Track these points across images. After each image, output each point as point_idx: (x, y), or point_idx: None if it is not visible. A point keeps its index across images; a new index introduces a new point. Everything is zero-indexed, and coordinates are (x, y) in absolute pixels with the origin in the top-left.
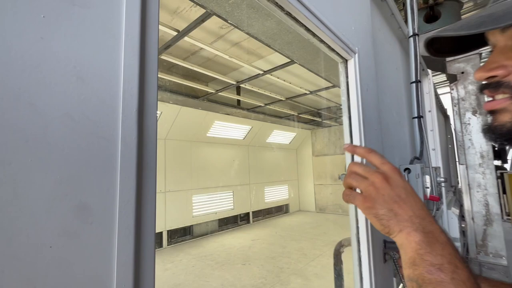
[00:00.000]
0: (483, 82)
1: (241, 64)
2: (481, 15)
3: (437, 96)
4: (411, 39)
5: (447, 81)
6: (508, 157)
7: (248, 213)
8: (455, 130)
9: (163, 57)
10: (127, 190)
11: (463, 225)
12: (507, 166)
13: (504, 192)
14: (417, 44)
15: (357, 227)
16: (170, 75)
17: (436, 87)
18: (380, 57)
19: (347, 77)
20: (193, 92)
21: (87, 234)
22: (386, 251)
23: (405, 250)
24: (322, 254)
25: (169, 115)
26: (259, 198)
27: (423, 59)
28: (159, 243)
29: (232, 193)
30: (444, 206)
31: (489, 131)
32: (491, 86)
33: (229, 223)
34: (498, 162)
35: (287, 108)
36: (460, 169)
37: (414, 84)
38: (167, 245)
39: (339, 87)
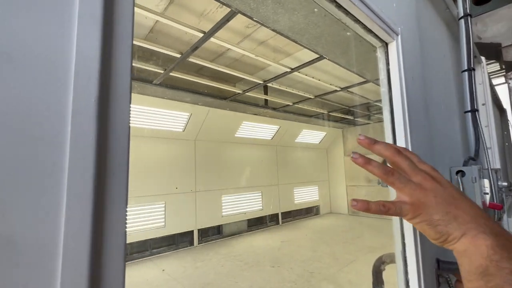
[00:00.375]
0: None
1: (268, 63)
2: None
3: (492, 87)
4: (462, 20)
5: (501, 71)
6: None
7: (277, 214)
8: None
9: (191, 59)
10: (78, 214)
11: None
12: None
13: None
14: (470, 27)
15: (403, 243)
16: (199, 77)
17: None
18: (425, 43)
19: (387, 63)
20: (221, 93)
21: (10, 284)
22: (440, 273)
23: (471, 258)
24: (356, 260)
25: (198, 116)
26: (288, 199)
27: (475, 46)
28: (190, 242)
29: (260, 194)
30: (505, 215)
31: None
32: None
33: (258, 223)
34: None
35: (317, 106)
36: None
37: (466, 73)
38: (198, 244)
39: (372, 82)
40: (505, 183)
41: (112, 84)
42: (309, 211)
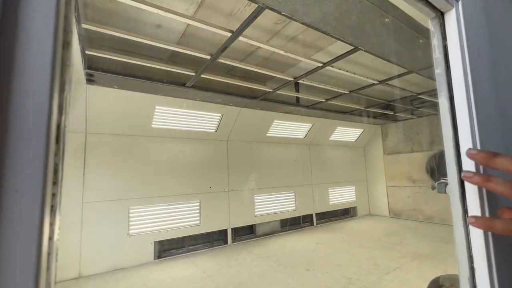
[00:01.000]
0: None
1: (299, 59)
2: None
3: None
4: None
5: None
6: None
7: (311, 215)
8: None
9: (221, 60)
10: None
11: None
12: None
13: None
14: None
15: (472, 267)
16: (230, 77)
17: None
18: (492, 24)
19: (444, 38)
20: (251, 92)
21: None
22: None
23: None
24: (400, 268)
25: (230, 117)
26: (323, 199)
27: None
28: (224, 240)
29: (293, 194)
30: None
31: None
32: None
33: (291, 224)
34: None
35: (352, 102)
36: None
37: None
38: (232, 243)
39: (415, 72)
40: None
41: (17, 59)
42: (346, 213)
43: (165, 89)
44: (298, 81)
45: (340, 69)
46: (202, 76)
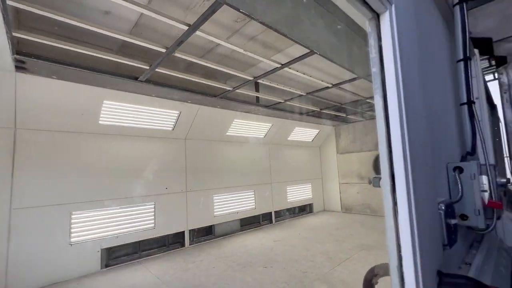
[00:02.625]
0: None
1: (259, 59)
2: None
3: (484, 82)
4: (457, 7)
5: (491, 67)
6: None
7: (271, 212)
8: (505, 120)
9: (178, 54)
10: None
11: None
12: None
13: None
14: (465, 13)
15: (400, 256)
16: (188, 74)
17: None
18: (421, 25)
19: (379, 39)
20: (211, 90)
21: None
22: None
23: None
24: (349, 258)
25: (188, 115)
26: (281, 197)
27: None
28: (181, 243)
29: (253, 193)
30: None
31: None
32: None
33: (251, 223)
34: None
35: (309, 104)
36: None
37: (462, 63)
38: (189, 245)
39: (364, 78)
40: (504, 180)
41: None
42: (303, 209)
43: (114, 82)
44: (258, 81)
45: (297, 71)
46: (157, 70)
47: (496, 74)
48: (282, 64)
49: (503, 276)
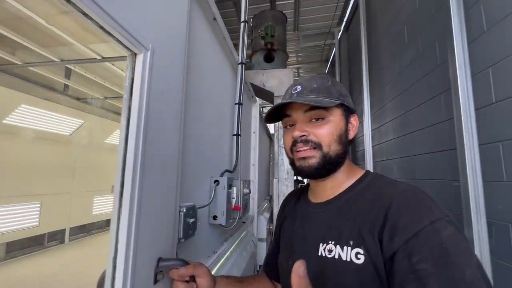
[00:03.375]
0: (299, 138)
1: (72, 42)
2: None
3: (263, 122)
4: (239, 66)
5: None
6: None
7: (64, 229)
8: (274, 150)
9: None
10: None
11: (270, 227)
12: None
13: None
14: (243, 72)
15: (116, 249)
16: None
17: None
18: (208, 74)
19: (133, 72)
20: None
21: None
22: (158, 271)
23: None
24: None
25: None
26: (85, 210)
27: (251, 87)
28: None
29: (39, 205)
30: (255, 213)
31: (303, 171)
32: (302, 141)
33: (27, 246)
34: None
35: None
36: (274, 181)
37: (237, 106)
38: None
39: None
40: (247, 190)
41: None
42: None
43: None
44: (69, 67)
45: (122, 70)
46: None
47: None
48: (103, 57)
49: (243, 258)
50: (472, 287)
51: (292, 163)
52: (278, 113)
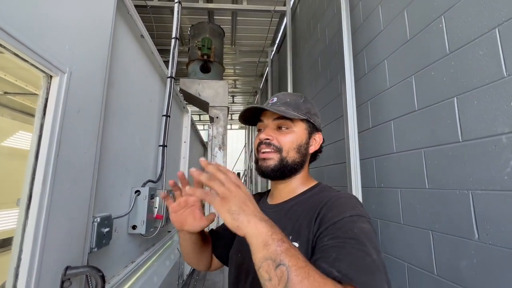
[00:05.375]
0: (264, 140)
1: None
2: (279, 109)
3: (196, 131)
4: (168, 79)
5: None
6: None
7: None
8: (208, 159)
9: None
10: None
11: None
12: None
13: None
14: (172, 85)
15: (19, 258)
16: None
17: (205, 124)
18: (134, 88)
19: (48, 93)
20: None
21: None
22: (65, 278)
23: (257, 238)
24: None
25: None
26: None
27: (187, 96)
28: None
29: None
30: None
31: (261, 170)
32: (266, 143)
33: None
34: None
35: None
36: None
37: (164, 117)
38: None
39: None
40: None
41: None
42: (8, 243)
43: None
44: None
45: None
46: None
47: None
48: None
49: (165, 266)
50: (372, 266)
51: (256, 161)
52: (255, 118)
